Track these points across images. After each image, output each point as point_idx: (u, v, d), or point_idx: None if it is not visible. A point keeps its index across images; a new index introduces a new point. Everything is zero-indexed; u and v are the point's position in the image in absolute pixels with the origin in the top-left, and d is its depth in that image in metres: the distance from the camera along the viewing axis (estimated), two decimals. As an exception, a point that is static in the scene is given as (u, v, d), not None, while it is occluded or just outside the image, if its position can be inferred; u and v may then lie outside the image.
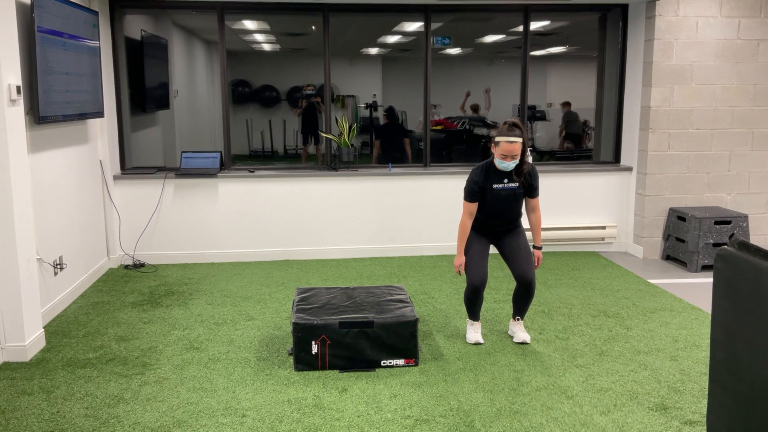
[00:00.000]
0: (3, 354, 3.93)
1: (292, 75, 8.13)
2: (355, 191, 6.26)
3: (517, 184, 4.02)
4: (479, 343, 4.18)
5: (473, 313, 4.22)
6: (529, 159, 4.11)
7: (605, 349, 4.12)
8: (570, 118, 7.51)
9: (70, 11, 4.82)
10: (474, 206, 4.06)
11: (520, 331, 4.23)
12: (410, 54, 7.57)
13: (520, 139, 3.86)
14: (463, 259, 4.09)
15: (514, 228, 4.19)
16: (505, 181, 4.01)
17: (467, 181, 4.05)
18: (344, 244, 6.34)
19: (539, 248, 4.18)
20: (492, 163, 4.02)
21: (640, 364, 3.89)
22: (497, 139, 3.90)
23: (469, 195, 4.04)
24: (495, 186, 4.01)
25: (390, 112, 7.39)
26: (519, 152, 3.89)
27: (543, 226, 6.46)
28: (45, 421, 3.22)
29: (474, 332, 4.21)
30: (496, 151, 3.94)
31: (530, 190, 4.08)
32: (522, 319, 4.26)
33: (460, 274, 4.52)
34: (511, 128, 3.87)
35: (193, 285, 5.47)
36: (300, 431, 3.13)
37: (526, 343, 4.19)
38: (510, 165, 3.92)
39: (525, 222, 6.42)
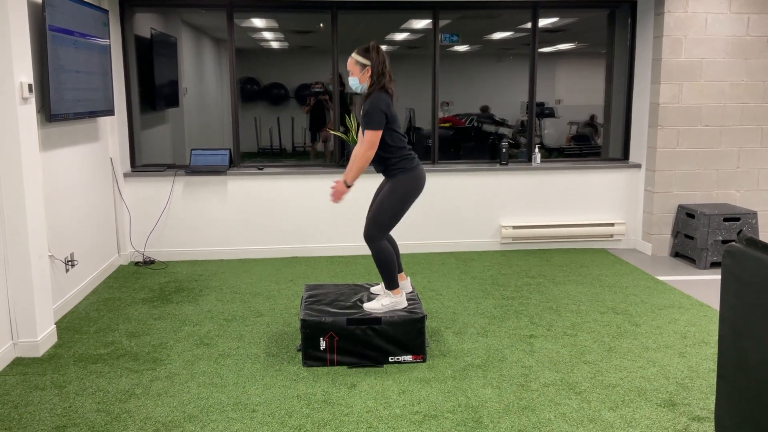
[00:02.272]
0: (15, 349, 3.97)
1: (300, 72, 8.15)
2: (364, 188, 6.27)
3: (361, 110, 3.78)
4: (411, 292, 4.13)
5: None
6: (538, 158, 4.04)
7: (613, 345, 4.12)
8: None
9: (81, 10, 4.85)
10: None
11: (374, 300, 3.95)
12: (418, 51, 7.57)
13: (357, 56, 3.76)
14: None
15: (386, 173, 3.87)
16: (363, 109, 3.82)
17: None
18: (353, 240, 6.36)
19: (343, 182, 3.80)
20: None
21: (648, 360, 3.89)
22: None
23: None
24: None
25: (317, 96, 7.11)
26: (354, 70, 3.76)
27: (553, 222, 6.45)
28: (57, 416, 3.25)
29: (376, 285, 4.21)
30: None
31: (363, 121, 3.75)
32: (384, 285, 3.93)
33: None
34: (360, 47, 3.80)
35: (203, 281, 5.51)
36: (309, 426, 3.15)
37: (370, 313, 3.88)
38: (350, 82, 3.81)
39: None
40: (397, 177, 3.82)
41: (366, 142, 3.71)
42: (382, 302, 3.89)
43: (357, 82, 3.81)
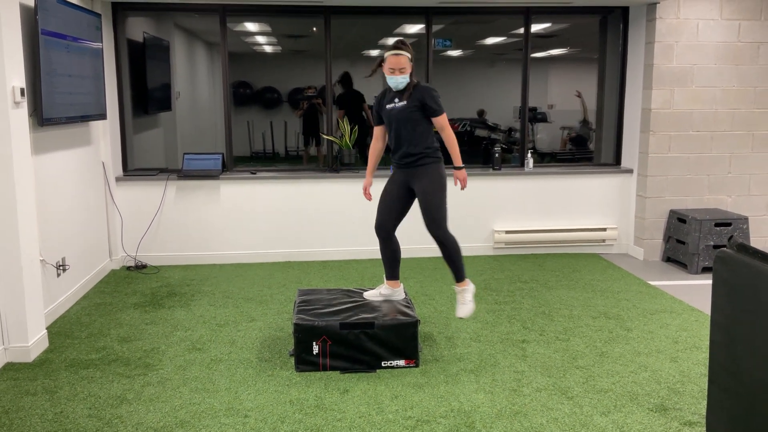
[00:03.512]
0: (6, 355, 3.95)
1: (293, 77, 8.15)
2: (357, 193, 6.27)
3: (407, 102, 3.87)
4: (379, 298, 4.16)
5: (384, 264, 4.13)
6: (530, 163, 4.11)
7: (605, 350, 4.13)
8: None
9: (73, 14, 4.84)
10: (378, 129, 4.10)
11: (458, 304, 4.05)
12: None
13: (405, 53, 3.84)
14: (369, 180, 4.17)
15: (416, 164, 3.94)
16: (396, 100, 3.92)
17: None
18: (345, 245, 6.35)
19: (458, 168, 3.95)
20: (389, 87, 3.99)
21: (640, 365, 3.91)
22: (385, 54, 3.89)
23: (373, 117, 4.10)
24: (388, 106, 3.95)
25: (345, 79, 7.17)
26: (406, 66, 3.83)
27: (545, 227, 6.47)
28: (48, 422, 3.23)
29: (374, 289, 4.22)
30: (385, 68, 3.89)
31: (425, 108, 3.86)
32: (460, 283, 4.05)
33: (369, 199, 4.22)
34: (397, 44, 3.87)
35: (195, 286, 5.49)
36: (302, 431, 3.15)
37: (461, 318, 4.06)
38: (399, 79, 3.85)
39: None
40: (431, 166, 3.93)
41: (446, 126, 3.90)
42: (381, 291, 4.17)
43: (408, 77, 3.87)
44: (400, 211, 4.06)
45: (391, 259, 4.11)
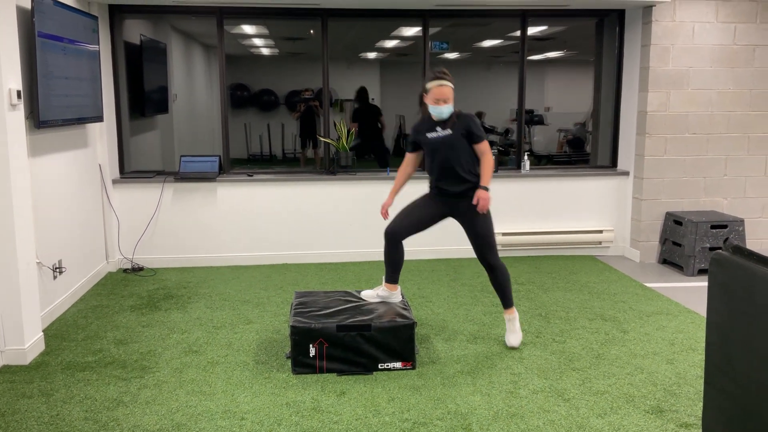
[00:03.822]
0: (2, 357, 3.94)
1: (290, 79, 8.15)
2: (354, 195, 6.28)
3: (451, 131, 3.93)
4: (372, 299, 4.18)
5: (386, 266, 4.14)
6: (527, 165, 4.14)
7: (602, 352, 4.14)
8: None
9: (70, 16, 4.84)
10: (409, 156, 4.16)
11: (509, 333, 4.18)
12: (408, 58, 7.60)
13: (449, 83, 3.89)
14: (390, 201, 4.16)
15: (465, 193, 3.97)
16: (438, 129, 3.96)
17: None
18: (342, 248, 6.36)
19: (485, 188, 3.89)
20: (429, 116, 4.02)
21: (636, 367, 3.91)
22: (428, 85, 3.91)
23: (408, 143, 4.12)
24: (429, 135, 3.98)
25: (361, 94, 7.25)
26: (450, 96, 3.88)
27: (542, 229, 6.48)
28: (45, 424, 3.23)
29: (372, 290, 4.23)
30: (429, 98, 3.92)
31: (470, 135, 3.93)
32: (509, 309, 4.16)
33: (385, 217, 4.20)
34: (440, 74, 3.90)
35: (192, 288, 5.49)
36: (298, 434, 3.15)
37: (514, 348, 4.18)
38: (444, 110, 3.90)
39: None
40: (472, 197, 3.99)
41: (488, 151, 3.94)
42: (378, 292, 4.19)
43: (452, 107, 3.94)
44: (419, 228, 4.11)
45: (395, 263, 4.12)
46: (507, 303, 4.16)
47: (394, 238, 4.05)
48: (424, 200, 4.12)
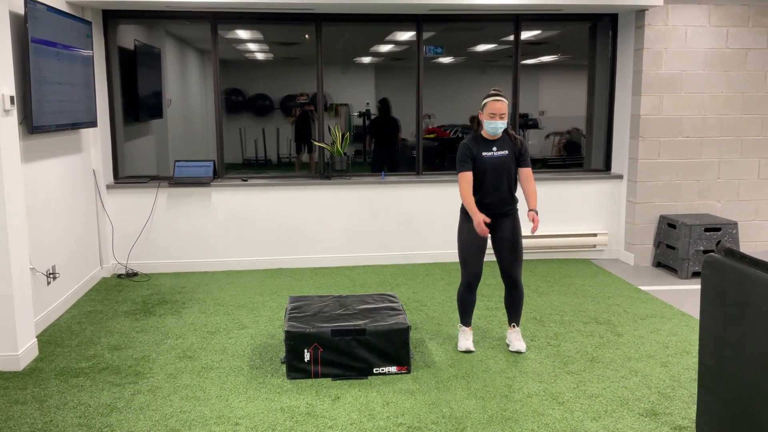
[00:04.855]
0: (-4, 363, 3.93)
1: (285, 84, 8.16)
2: (348, 199, 6.28)
3: (507, 151, 4.01)
4: (470, 351, 4.20)
5: (465, 315, 4.22)
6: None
7: (596, 355, 4.14)
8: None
9: (64, 21, 4.84)
10: (469, 175, 3.98)
11: (516, 340, 4.23)
12: (403, 63, 7.61)
13: (505, 99, 3.94)
14: (481, 216, 3.88)
15: (509, 212, 4.10)
16: (494, 148, 4.01)
17: (457, 153, 4.03)
18: (337, 252, 6.35)
19: (536, 211, 3.98)
20: (480, 134, 4.04)
21: (630, 370, 3.92)
22: (485, 101, 3.97)
23: (462, 163, 4.00)
24: (485, 154, 4.00)
25: (384, 105, 7.29)
26: (506, 112, 3.94)
27: (537, 233, 6.48)
28: (38, 430, 3.22)
29: (465, 339, 4.23)
30: (484, 114, 3.96)
31: (521, 158, 4.05)
32: (517, 325, 4.26)
33: (488, 227, 4.08)
34: (496, 91, 3.97)
35: (186, 294, 5.48)
36: (293, 439, 3.14)
37: (521, 353, 4.20)
38: (499, 125, 3.94)
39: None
40: (517, 213, 4.14)
41: (532, 176, 4.09)
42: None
43: (506, 123, 3.99)
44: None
45: (473, 303, 4.22)
46: (518, 320, 4.27)
47: (478, 280, 4.13)
48: (472, 232, 4.08)
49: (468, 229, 4.09)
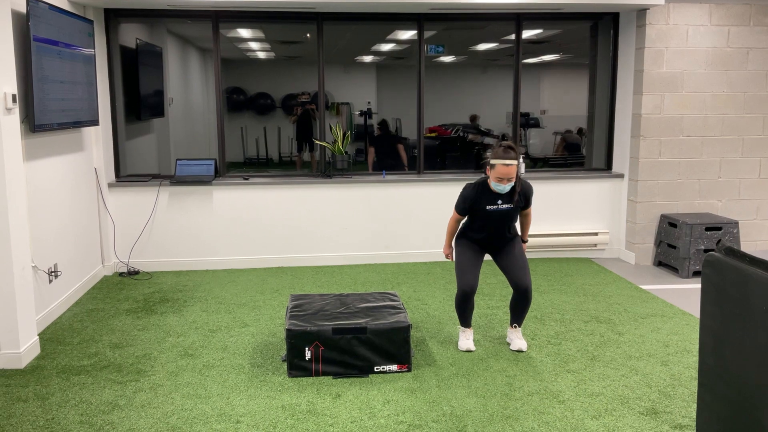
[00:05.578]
0: (-3, 361, 3.94)
1: (286, 82, 8.16)
2: (349, 198, 6.29)
3: (512, 205, 4.04)
4: (470, 351, 4.20)
5: (464, 319, 4.24)
6: (522, 168, 4.17)
7: (597, 354, 4.15)
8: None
9: (66, 20, 4.85)
10: (462, 218, 4.17)
11: (517, 339, 4.24)
12: (404, 62, 7.62)
13: (515, 162, 3.86)
14: (449, 249, 4.27)
15: (509, 240, 4.22)
16: (499, 202, 4.02)
17: (460, 195, 4.08)
18: (338, 251, 6.36)
19: (524, 241, 4.29)
20: (486, 183, 4.01)
21: (631, 369, 3.92)
22: (493, 161, 3.89)
23: (460, 209, 4.11)
24: (488, 207, 4.02)
25: (383, 125, 7.46)
26: (515, 175, 3.90)
27: (537, 232, 6.50)
28: (40, 428, 3.23)
29: (465, 339, 4.23)
30: (492, 174, 3.92)
31: (525, 203, 4.15)
32: (519, 326, 4.27)
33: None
34: (507, 150, 3.85)
35: (188, 292, 5.49)
36: (294, 437, 3.15)
37: (522, 351, 4.21)
38: (506, 188, 3.93)
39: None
40: (517, 236, 4.26)
41: (531, 212, 4.43)
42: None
43: (513, 183, 3.96)
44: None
45: (471, 311, 4.25)
46: (521, 322, 4.28)
47: (474, 290, 4.13)
48: (470, 245, 4.19)
49: (464, 243, 4.20)
